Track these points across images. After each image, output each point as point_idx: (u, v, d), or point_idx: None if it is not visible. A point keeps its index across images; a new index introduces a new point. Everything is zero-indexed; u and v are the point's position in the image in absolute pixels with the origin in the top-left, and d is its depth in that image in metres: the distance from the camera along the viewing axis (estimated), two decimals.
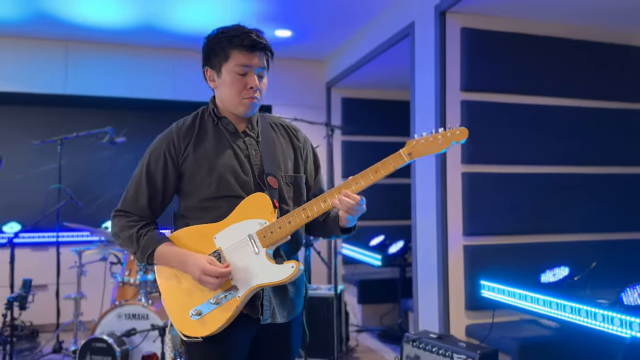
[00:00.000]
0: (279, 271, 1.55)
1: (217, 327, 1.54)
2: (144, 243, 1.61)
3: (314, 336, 3.89)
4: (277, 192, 1.64)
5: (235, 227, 1.59)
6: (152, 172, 1.65)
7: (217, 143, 1.66)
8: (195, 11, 4.26)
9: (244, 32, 1.61)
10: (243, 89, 1.62)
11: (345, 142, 5.68)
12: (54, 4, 4.07)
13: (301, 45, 5.16)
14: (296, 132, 1.81)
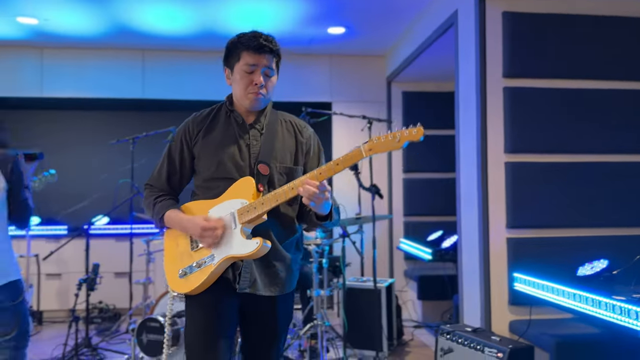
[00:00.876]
0: (245, 245, 1.73)
1: (195, 286, 1.77)
2: (157, 209, 1.89)
3: (359, 328, 3.94)
4: (266, 179, 1.82)
5: (224, 204, 1.80)
6: (172, 154, 1.93)
7: (224, 132, 1.89)
8: (249, 15, 4.48)
9: (254, 37, 1.83)
10: (249, 84, 1.83)
11: None
12: (131, 17, 4.48)
13: (358, 41, 5.21)
14: (302, 129, 1.97)
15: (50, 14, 4.41)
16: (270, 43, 1.85)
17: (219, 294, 1.79)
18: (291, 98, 5.52)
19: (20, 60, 5.31)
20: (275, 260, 1.83)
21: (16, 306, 2.31)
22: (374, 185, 3.49)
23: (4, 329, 2.29)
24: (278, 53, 1.88)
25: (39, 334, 4.75)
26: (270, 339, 1.89)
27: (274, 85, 1.90)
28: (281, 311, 1.89)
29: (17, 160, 2.34)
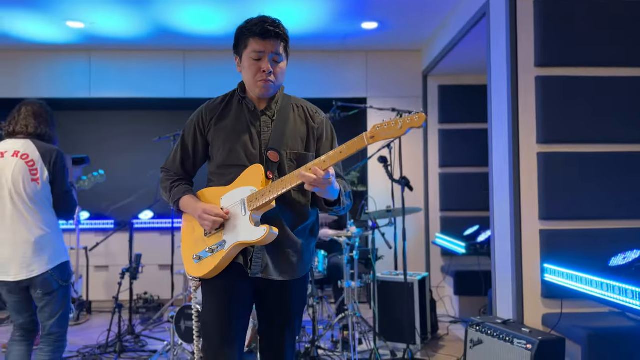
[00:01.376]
0: (254, 232, 1.76)
1: (207, 270, 1.83)
2: (173, 193, 1.95)
3: (391, 320, 3.96)
4: (276, 166, 1.84)
5: (235, 192, 1.84)
6: (186, 140, 1.97)
7: (236, 119, 1.91)
8: (283, 13, 4.56)
9: (259, 22, 1.82)
10: (257, 72, 1.84)
11: (442, 131, 5.59)
12: (171, 19, 4.66)
13: (393, 36, 5.21)
14: (314, 114, 1.97)
15: (96, 17, 4.65)
16: (277, 27, 1.83)
17: (233, 279, 1.84)
18: (327, 94, 5.58)
19: (70, 63, 5.61)
20: (286, 246, 1.86)
21: (65, 288, 2.48)
22: (404, 178, 3.50)
23: (51, 310, 2.47)
24: (285, 37, 1.86)
25: (88, 322, 5.00)
26: (283, 322, 1.92)
27: (283, 71, 1.89)
28: (294, 295, 1.92)
29: (60, 153, 2.51)
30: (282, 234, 1.83)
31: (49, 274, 2.40)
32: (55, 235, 2.47)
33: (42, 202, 2.44)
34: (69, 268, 2.52)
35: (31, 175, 2.40)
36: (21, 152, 2.43)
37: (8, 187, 2.40)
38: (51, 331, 2.49)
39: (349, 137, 1.70)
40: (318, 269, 3.84)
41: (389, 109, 3.71)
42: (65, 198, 2.54)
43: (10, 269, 2.39)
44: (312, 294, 3.67)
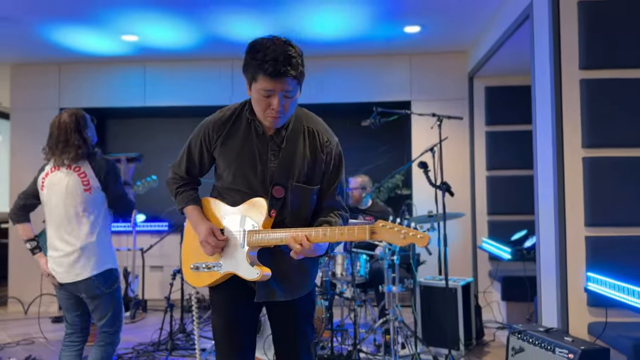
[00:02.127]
0: (248, 271, 1.81)
1: (203, 285, 1.90)
2: (179, 199, 1.97)
3: (434, 325, 3.95)
4: (280, 202, 1.82)
5: (239, 218, 1.86)
6: (192, 150, 1.95)
7: (243, 141, 1.85)
8: (325, 19, 4.64)
9: (271, 59, 1.68)
10: (267, 108, 1.76)
11: (489, 133, 5.50)
12: (219, 29, 4.84)
13: (437, 38, 5.18)
14: (324, 144, 1.88)
15: (148, 30, 4.90)
16: (289, 66, 1.70)
17: (238, 292, 1.88)
18: (370, 98, 5.62)
19: (127, 74, 5.92)
20: (291, 270, 1.88)
21: (112, 292, 2.65)
22: (444, 183, 3.49)
23: (100, 312, 2.65)
24: (297, 75, 1.74)
25: (143, 320, 5.27)
26: (294, 331, 1.94)
27: (295, 102, 1.82)
28: (302, 308, 1.95)
29: (107, 161, 2.67)
30: (282, 260, 1.84)
31: (92, 280, 2.57)
32: (102, 242, 2.64)
33: (92, 211, 2.62)
34: (114, 274, 2.68)
35: (83, 185, 2.59)
36: (73, 164, 2.62)
37: (61, 198, 2.60)
38: (103, 330, 2.67)
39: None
40: (360, 273, 3.89)
41: (429, 114, 3.71)
42: (120, 200, 2.71)
43: (59, 272, 2.59)
44: (353, 298, 3.73)
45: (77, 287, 2.59)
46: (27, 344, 4.32)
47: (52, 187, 2.63)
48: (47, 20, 4.59)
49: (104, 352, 2.66)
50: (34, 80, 5.94)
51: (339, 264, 3.88)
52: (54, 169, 2.64)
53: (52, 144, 2.64)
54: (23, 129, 5.88)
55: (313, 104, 5.82)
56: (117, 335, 2.70)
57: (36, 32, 4.88)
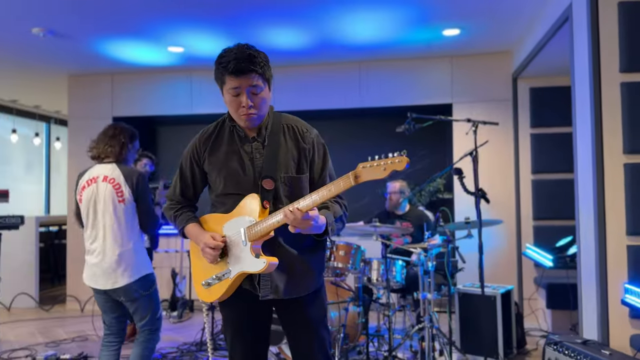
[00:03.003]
0: (255, 263, 1.84)
1: (217, 297, 1.93)
2: (177, 222, 2.04)
3: (472, 333, 3.90)
4: (271, 193, 1.89)
5: (235, 221, 1.91)
6: (184, 171, 2.05)
7: (228, 148, 1.95)
8: (362, 22, 4.66)
9: (233, 59, 1.82)
10: (238, 107, 1.86)
11: (534, 135, 5.35)
12: (258, 38, 4.97)
13: (477, 40, 5.09)
14: (304, 134, 1.97)
15: (192, 41, 5.09)
16: (250, 62, 1.82)
17: (245, 304, 1.94)
18: (410, 102, 5.59)
19: (174, 83, 6.17)
20: (294, 265, 1.91)
21: (150, 295, 2.80)
22: (479, 190, 3.44)
23: (140, 314, 2.81)
24: (260, 70, 1.84)
25: (190, 320, 5.47)
26: (308, 334, 1.96)
27: (265, 99, 1.89)
28: (310, 307, 1.97)
29: (141, 175, 2.83)
30: (286, 255, 1.89)
31: (130, 285, 2.73)
32: (138, 250, 2.80)
33: (127, 220, 2.78)
34: (150, 279, 2.83)
35: (117, 196, 2.75)
36: (109, 176, 2.79)
37: (99, 209, 2.78)
38: (143, 329, 2.83)
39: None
40: (396, 279, 3.90)
41: (464, 120, 3.66)
42: (148, 216, 2.86)
43: (99, 279, 2.76)
44: (388, 304, 3.74)
45: (116, 292, 2.76)
46: (81, 341, 4.59)
47: (89, 199, 2.80)
48: (100, 34, 4.86)
49: (145, 348, 2.81)
50: (89, 90, 6.30)
51: (375, 269, 3.89)
52: (90, 182, 2.82)
53: (100, 138, 2.85)
54: (80, 136, 6.23)
55: (353, 108, 5.88)
56: (157, 333, 2.85)
57: (90, 46, 5.18)
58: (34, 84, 6.66)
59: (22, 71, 6.05)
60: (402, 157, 1.61)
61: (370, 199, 6.09)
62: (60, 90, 6.64)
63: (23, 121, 8.05)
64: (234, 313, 1.98)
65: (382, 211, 4.60)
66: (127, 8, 4.23)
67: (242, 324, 1.98)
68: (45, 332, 4.92)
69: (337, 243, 3.84)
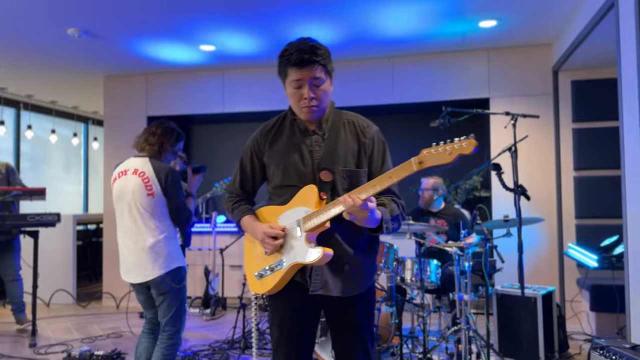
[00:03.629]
0: (309, 253, 1.80)
1: (268, 288, 1.91)
2: (234, 214, 2.07)
3: (511, 336, 3.75)
4: (329, 185, 1.87)
5: (291, 212, 1.90)
6: (244, 163, 2.07)
7: (288, 140, 1.97)
8: (394, 16, 4.55)
9: (296, 51, 1.85)
10: (300, 99, 1.88)
11: (576, 130, 5.12)
12: (289, 34, 4.92)
13: (516, 32, 4.91)
14: (364, 129, 1.97)
15: (224, 40, 5.08)
16: (312, 54, 1.84)
17: (295, 298, 1.92)
18: (445, 97, 5.45)
19: (206, 82, 6.19)
20: (345, 262, 1.89)
21: (178, 290, 2.78)
22: (519, 186, 3.28)
23: (165, 308, 2.78)
24: (322, 61, 1.86)
25: (223, 318, 5.47)
26: (353, 336, 1.94)
27: (326, 92, 1.90)
28: (359, 310, 1.94)
29: (172, 170, 2.81)
30: (339, 251, 1.87)
31: (162, 277, 2.71)
32: (169, 242, 2.77)
33: (157, 213, 2.76)
34: (181, 273, 2.81)
35: (146, 190, 2.74)
36: (139, 169, 2.78)
37: (128, 201, 2.77)
38: (165, 328, 2.80)
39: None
40: (430, 279, 3.78)
41: (502, 113, 3.51)
42: (179, 210, 2.84)
43: (132, 272, 2.77)
44: (422, 304, 3.63)
45: (148, 285, 2.75)
46: (116, 337, 4.64)
47: (120, 191, 2.81)
48: (133, 34, 4.90)
49: (167, 353, 2.78)
50: (123, 91, 6.39)
51: (408, 269, 3.78)
52: (121, 174, 2.83)
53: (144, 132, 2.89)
54: (115, 136, 6.34)
55: (385, 104, 5.77)
56: (178, 335, 2.82)
57: (124, 46, 5.24)
58: (72, 85, 6.81)
59: (60, 73, 6.18)
60: (470, 139, 1.56)
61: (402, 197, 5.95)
62: (97, 91, 6.77)
63: (62, 122, 8.27)
64: (282, 306, 1.96)
65: (416, 208, 4.48)
66: (159, 7, 4.25)
67: (290, 318, 1.95)
68: (81, 328, 5.01)
69: None
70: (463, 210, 4.83)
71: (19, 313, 4.82)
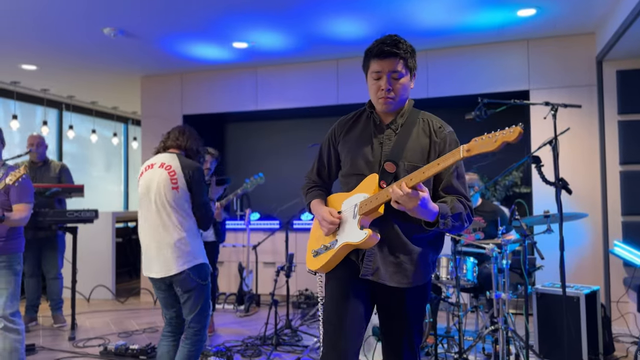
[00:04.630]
0: (357, 234, 1.87)
1: (320, 264, 1.99)
2: (307, 198, 2.17)
3: (552, 337, 3.59)
4: (391, 176, 1.90)
5: (353, 198, 1.97)
6: (322, 151, 2.17)
7: (362, 132, 2.04)
8: (426, 8, 4.44)
9: (379, 42, 1.95)
10: (377, 90, 1.95)
11: (622, 123, 4.87)
12: (324, 30, 4.87)
13: (557, 20, 4.70)
14: (437, 130, 2.00)
15: (256, 37, 5.08)
16: (394, 46, 1.90)
17: (349, 278, 1.95)
18: (482, 89, 5.29)
19: (240, 80, 6.22)
20: (400, 253, 1.90)
21: (203, 287, 2.76)
22: (560, 180, 3.13)
23: (190, 306, 2.77)
24: (404, 55, 1.92)
25: (256, 314, 5.48)
26: (400, 328, 1.96)
27: (405, 86, 1.95)
28: (410, 303, 1.95)
29: (198, 168, 2.80)
30: (396, 241, 1.90)
31: (186, 273, 2.69)
32: (193, 238, 2.75)
33: (181, 208, 2.75)
34: (205, 269, 2.80)
35: (172, 183, 2.73)
36: (166, 163, 2.78)
37: (154, 194, 2.76)
38: (190, 325, 2.78)
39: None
40: (467, 277, 3.66)
41: (542, 103, 3.36)
42: (203, 208, 2.82)
43: (154, 267, 2.74)
44: (458, 304, 3.51)
45: (172, 281, 2.73)
46: (151, 332, 4.71)
47: (146, 185, 2.80)
48: (167, 32, 4.96)
49: (192, 348, 2.76)
50: (160, 90, 6.50)
51: (443, 266, 3.68)
52: (147, 167, 2.84)
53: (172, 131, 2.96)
54: (152, 134, 6.45)
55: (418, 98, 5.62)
56: (203, 331, 2.80)
57: (159, 45, 5.31)
58: (110, 86, 6.97)
59: (98, 74, 6.33)
60: (516, 127, 1.58)
61: None
62: (135, 92, 6.91)
63: (102, 122, 8.49)
64: (336, 284, 1.97)
65: None
66: (192, 5, 4.28)
67: (342, 297, 1.94)
68: (119, 323, 5.11)
69: None
70: (502, 207, 4.67)
71: (56, 310, 4.96)
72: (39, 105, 7.36)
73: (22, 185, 3.06)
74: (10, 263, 3.06)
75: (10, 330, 3.03)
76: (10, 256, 3.07)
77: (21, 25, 4.68)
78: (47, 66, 5.98)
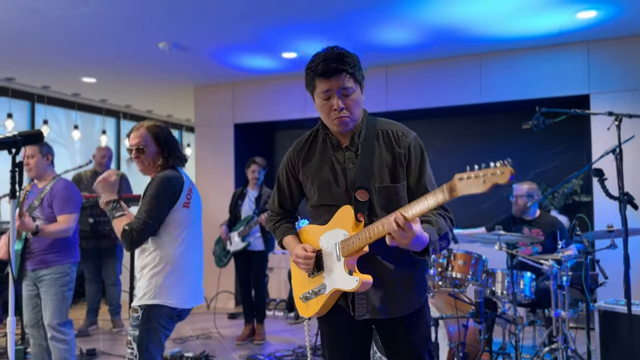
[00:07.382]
0: (348, 281, 1.73)
1: (314, 312, 1.86)
2: (276, 234, 2.03)
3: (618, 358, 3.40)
4: (366, 205, 1.78)
5: (331, 233, 1.82)
6: (280, 182, 2.02)
7: (321, 157, 1.89)
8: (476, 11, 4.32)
9: (322, 60, 1.76)
10: (330, 111, 1.79)
11: None
12: (370, 36, 4.84)
13: (618, 22, 4.47)
14: (399, 138, 1.84)
15: (304, 47, 5.11)
16: (339, 62, 1.74)
17: (342, 322, 1.86)
18: (539, 94, 5.11)
19: (288, 89, 6.25)
20: (392, 283, 1.80)
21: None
22: (625, 194, 2.96)
23: None
24: (350, 69, 1.75)
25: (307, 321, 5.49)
26: (408, 357, 1.85)
27: (357, 101, 1.79)
28: (411, 330, 1.84)
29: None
30: (382, 272, 1.79)
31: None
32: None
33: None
34: None
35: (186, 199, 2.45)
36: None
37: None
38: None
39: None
40: (524, 293, 3.53)
41: (604, 113, 3.18)
42: None
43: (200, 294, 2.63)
44: (514, 320, 3.40)
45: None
46: (205, 339, 4.81)
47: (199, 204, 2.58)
48: (220, 47, 5.07)
49: None
50: (212, 100, 6.65)
51: (499, 281, 3.57)
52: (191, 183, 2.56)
53: None
54: (205, 142, 6.61)
55: (471, 104, 5.50)
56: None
57: (211, 57, 5.44)
58: (165, 96, 7.20)
59: (154, 85, 6.56)
60: (505, 167, 1.37)
61: (491, 204, 5.66)
62: (189, 101, 7.10)
63: None
64: (331, 329, 1.92)
65: (507, 216, 4.19)
66: (241, 18, 4.35)
67: (340, 342, 1.90)
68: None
69: (455, 252, 3.58)
70: (561, 217, 4.48)
71: (114, 315, 5.15)
72: (97, 115, 7.69)
73: (66, 195, 3.05)
74: (57, 275, 3.05)
75: (57, 340, 3.07)
76: (57, 268, 3.06)
77: (82, 42, 4.90)
78: (105, 78, 6.24)
